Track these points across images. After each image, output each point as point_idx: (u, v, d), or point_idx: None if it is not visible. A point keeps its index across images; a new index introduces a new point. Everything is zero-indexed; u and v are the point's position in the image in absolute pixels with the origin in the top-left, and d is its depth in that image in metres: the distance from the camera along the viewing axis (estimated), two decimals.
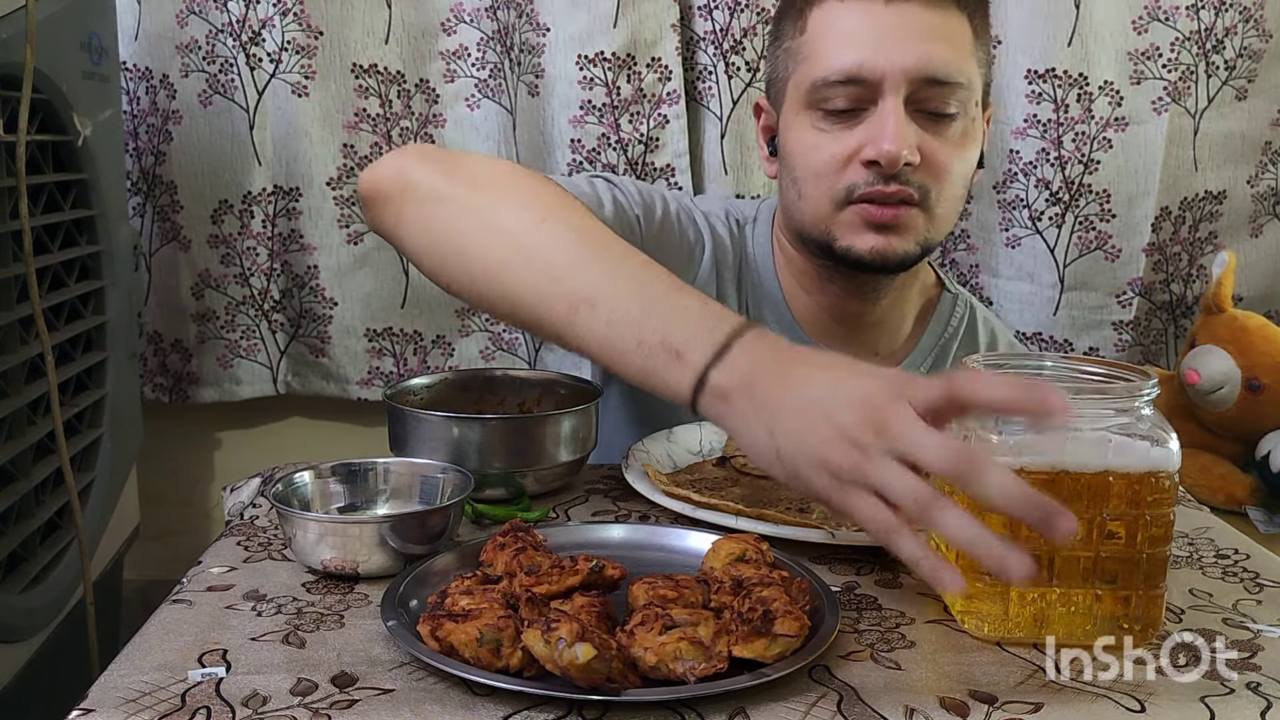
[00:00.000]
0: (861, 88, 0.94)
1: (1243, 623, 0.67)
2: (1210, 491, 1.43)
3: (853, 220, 0.96)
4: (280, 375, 1.58)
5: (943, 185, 0.96)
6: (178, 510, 1.64)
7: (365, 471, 0.81)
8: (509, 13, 1.49)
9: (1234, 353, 1.39)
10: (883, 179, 0.93)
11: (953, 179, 0.96)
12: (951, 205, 0.98)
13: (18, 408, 1.01)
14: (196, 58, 1.48)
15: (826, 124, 0.96)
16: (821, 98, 0.96)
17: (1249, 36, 1.49)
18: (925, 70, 0.93)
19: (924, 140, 0.94)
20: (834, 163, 0.96)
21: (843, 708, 0.56)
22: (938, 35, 0.94)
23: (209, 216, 1.51)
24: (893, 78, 0.92)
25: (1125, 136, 1.49)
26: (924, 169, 0.94)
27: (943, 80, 0.93)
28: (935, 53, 0.93)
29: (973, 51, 0.97)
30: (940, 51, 0.93)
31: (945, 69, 0.93)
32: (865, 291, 1.04)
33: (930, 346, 1.11)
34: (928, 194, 0.95)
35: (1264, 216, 1.57)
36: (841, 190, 0.96)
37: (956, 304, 1.14)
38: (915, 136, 0.93)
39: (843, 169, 0.95)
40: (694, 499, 0.81)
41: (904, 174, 0.93)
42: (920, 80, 0.93)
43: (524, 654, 0.56)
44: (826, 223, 0.98)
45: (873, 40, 0.93)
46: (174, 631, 0.63)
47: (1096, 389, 0.65)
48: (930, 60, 0.93)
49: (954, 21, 0.95)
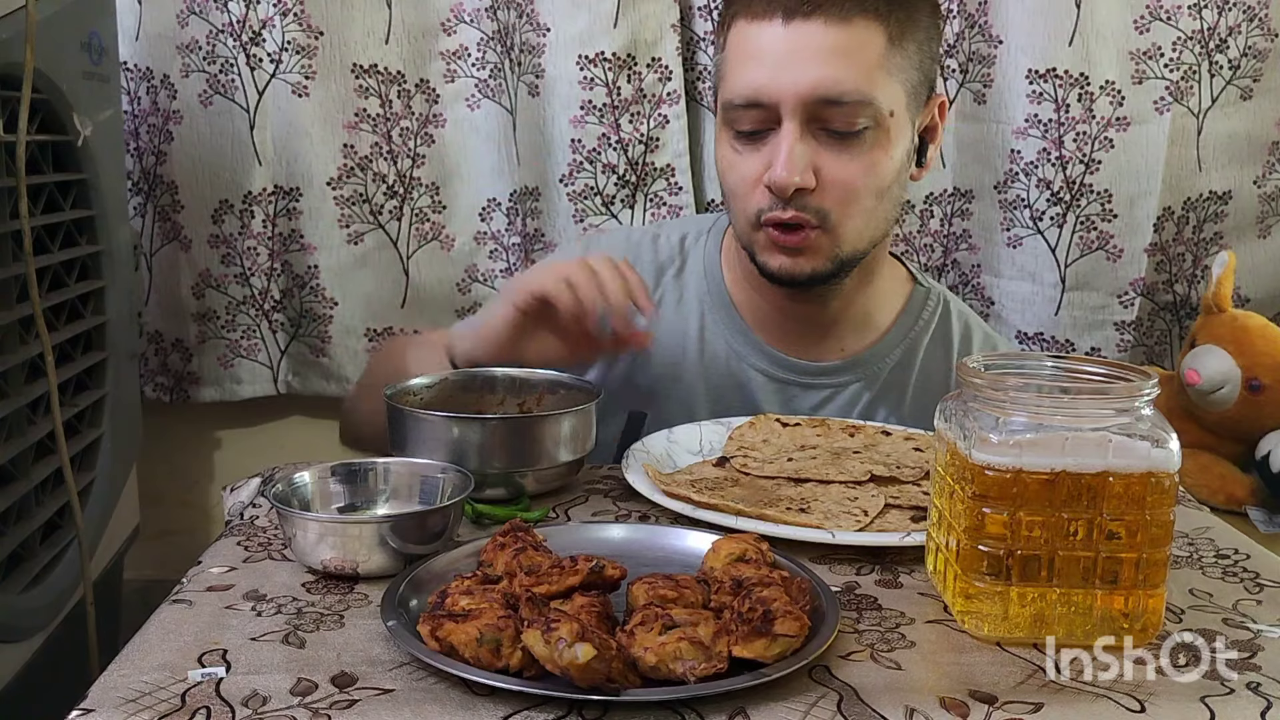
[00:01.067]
0: (763, 111, 0.96)
1: (1243, 623, 0.67)
2: (1210, 491, 1.43)
3: (765, 241, 1.00)
4: (281, 375, 1.58)
5: (846, 204, 0.97)
6: (178, 510, 1.64)
7: (365, 471, 0.81)
8: (509, 13, 1.49)
9: (1234, 353, 1.39)
10: (780, 204, 0.96)
11: (859, 194, 0.97)
12: (863, 219, 0.99)
13: (18, 408, 1.01)
14: (197, 58, 1.48)
15: (740, 144, 1.00)
16: (732, 119, 0.99)
17: (1254, 36, 1.49)
18: (819, 92, 0.93)
19: (822, 161, 0.95)
20: (744, 184, 0.99)
21: (843, 708, 0.56)
22: (837, 54, 0.93)
23: (209, 216, 1.52)
24: (788, 103, 0.94)
25: (1127, 136, 1.49)
26: (822, 192, 0.96)
27: (839, 100, 0.94)
28: (828, 75, 0.93)
29: (883, 61, 0.95)
30: (836, 73, 0.93)
31: (840, 90, 0.93)
32: (810, 297, 1.06)
33: (898, 340, 1.11)
34: (826, 216, 0.97)
35: (1272, 217, 1.57)
36: (753, 211, 0.99)
37: (929, 297, 1.14)
38: (808, 161, 0.95)
39: (752, 191, 0.99)
40: (693, 499, 0.81)
41: (798, 199, 0.96)
42: (816, 102, 0.94)
43: (524, 654, 0.56)
44: (748, 238, 1.02)
45: (771, 63, 0.94)
46: (174, 631, 0.63)
47: (1097, 389, 0.65)
48: (823, 82, 0.93)
49: (859, 35, 0.94)
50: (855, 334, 1.11)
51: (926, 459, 0.91)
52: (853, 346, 1.11)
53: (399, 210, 1.55)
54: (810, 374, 1.10)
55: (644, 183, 1.52)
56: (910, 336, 1.12)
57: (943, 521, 0.68)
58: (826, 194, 0.96)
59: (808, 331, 1.10)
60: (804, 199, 0.96)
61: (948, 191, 1.58)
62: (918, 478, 0.87)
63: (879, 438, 0.97)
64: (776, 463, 0.91)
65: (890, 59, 0.96)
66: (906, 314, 1.13)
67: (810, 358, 1.10)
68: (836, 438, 0.97)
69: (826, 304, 1.07)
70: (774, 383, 1.10)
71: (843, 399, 1.10)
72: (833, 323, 1.09)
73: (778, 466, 0.90)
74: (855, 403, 1.10)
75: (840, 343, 1.10)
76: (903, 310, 1.13)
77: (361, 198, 1.53)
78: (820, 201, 0.96)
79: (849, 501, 0.83)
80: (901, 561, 0.76)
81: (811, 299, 1.06)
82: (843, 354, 1.10)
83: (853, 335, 1.11)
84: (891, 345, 1.11)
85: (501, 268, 1.57)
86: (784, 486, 0.87)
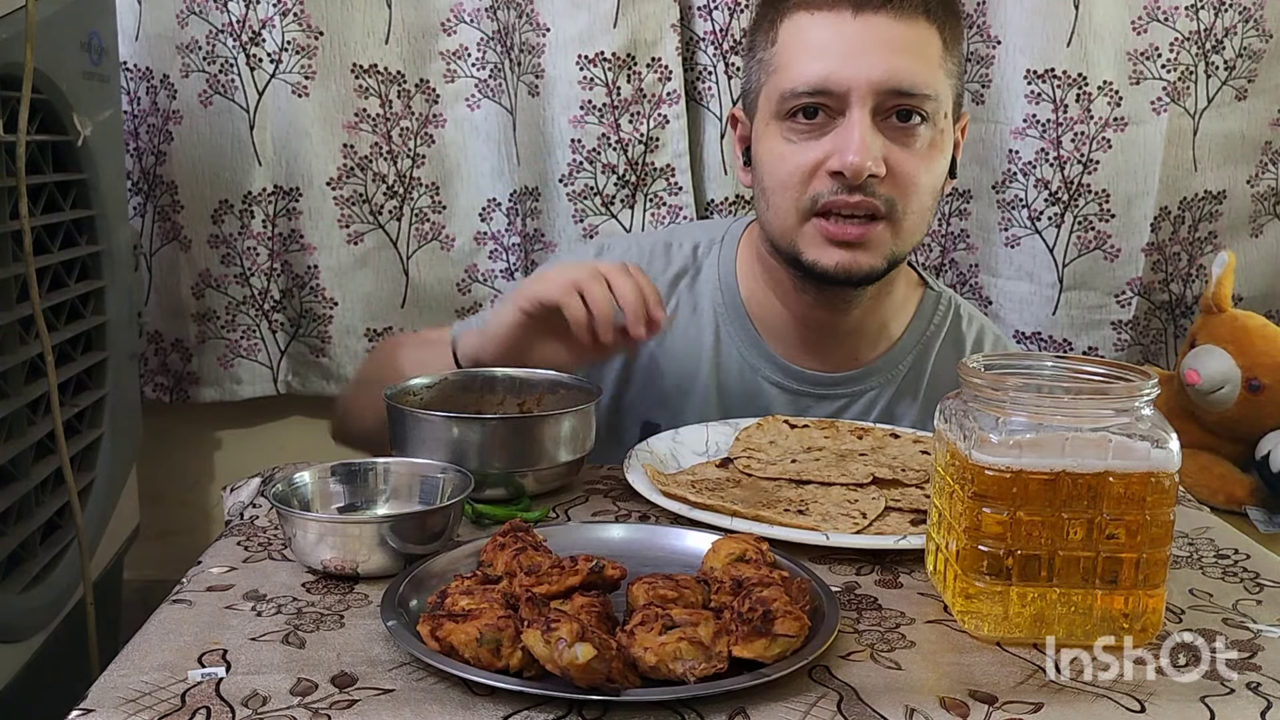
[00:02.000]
0: (829, 99, 0.95)
1: (1243, 623, 0.67)
2: (1210, 491, 1.43)
3: (815, 235, 0.98)
4: (280, 375, 1.58)
5: (909, 198, 0.97)
6: (178, 510, 1.64)
7: (365, 471, 0.81)
8: (509, 13, 1.49)
9: (1234, 353, 1.39)
10: (847, 189, 0.95)
11: (920, 191, 0.97)
12: (919, 217, 0.99)
13: (18, 408, 1.01)
14: (197, 58, 1.48)
15: (795, 135, 0.98)
16: (790, 109, 0.97)
17: (1249, 36, 1.49)
18: (891, 83, 0.93)
19: (890, 152, 0.95)
20: (800, 173, 0.97)
21: (843, 708, 0.56)
22: (905, 47, 0.94)
23: (209, 216, 1.52)
24: (859, 90, 0.93)
25: (1124, 136, 1.49)
26: (890, 181, 0.95)
27: (909, 92, 0.94)
28: (902, 65, 0.94)
29: (941, 63, 0.97)
30: (907, 64, 0.94)
31: (911, 81, 0.94)
32: (836, 302, 1.04)
33: (911, 345, 1.11)
34: (894, 206, 0.96)
35: (1264, 216, 1.57)
36: (807, 201, 0.97)
37: (939, 302, 1.14)
38: (881, 149, 0.94)
39: (809, 180, 0.97)
40: (690, 499, 0.81)
41: (869, 186, 0.95)
42: (886, 92, 0.94)
43: (524, 654, 0.56)
44: (791, 235, 1.00)
45: (840, 52, 0.94)
46: (174, 631, 0.63)
47: (1096, 389, 0.65)
48: (897, 72, 0.93)
49: (923, 33, 0.95)
50: (870, 343, 1.10)
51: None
52: (867, 355, 1.10)
53: (399, 210, 1.55)
54: (824, 385, 1.09)
55: (644, 183, 1.52)
56: (923, 342, 1.11)
57: (943, 521, 0.68)
58: (894, 184, 0.96)
59: (824, 341, 1.09)
60: (874, 186, 0.95)
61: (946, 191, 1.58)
62: (921, 481, 0.87)
63: (887, 440, 0.97)
64: (780, 464, 0.91)
65: (946, 61, 0.97)
66: (919, 319, 1.12)
67: (825, 368, 1.09)
68: (844, 440, 0.97)
69: (849, 312, 1.06)
70: (787, 394, 1.09)
71: (857, 408, 1.09)
72: (850, 332, 1.08)
73: (780, 468, 0.90)
74: (869, 412, 1.10)
75: (855, 352, 1.10)
76: (915, 316, 1.12)
77: (361, 198, 1.53)
78: (890, 190, 0.96)
79: (849, 504, 0.82)
80: (901, 562, 0.76)
81: (837, 306, 1.05)
82: (857, 363, 1.10)
83: (867, 344, 1.10)
84: (904, 352, 1.11)
85: (501, 268, 1.57)
86: (785, 488, 0.87)
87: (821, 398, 1.09)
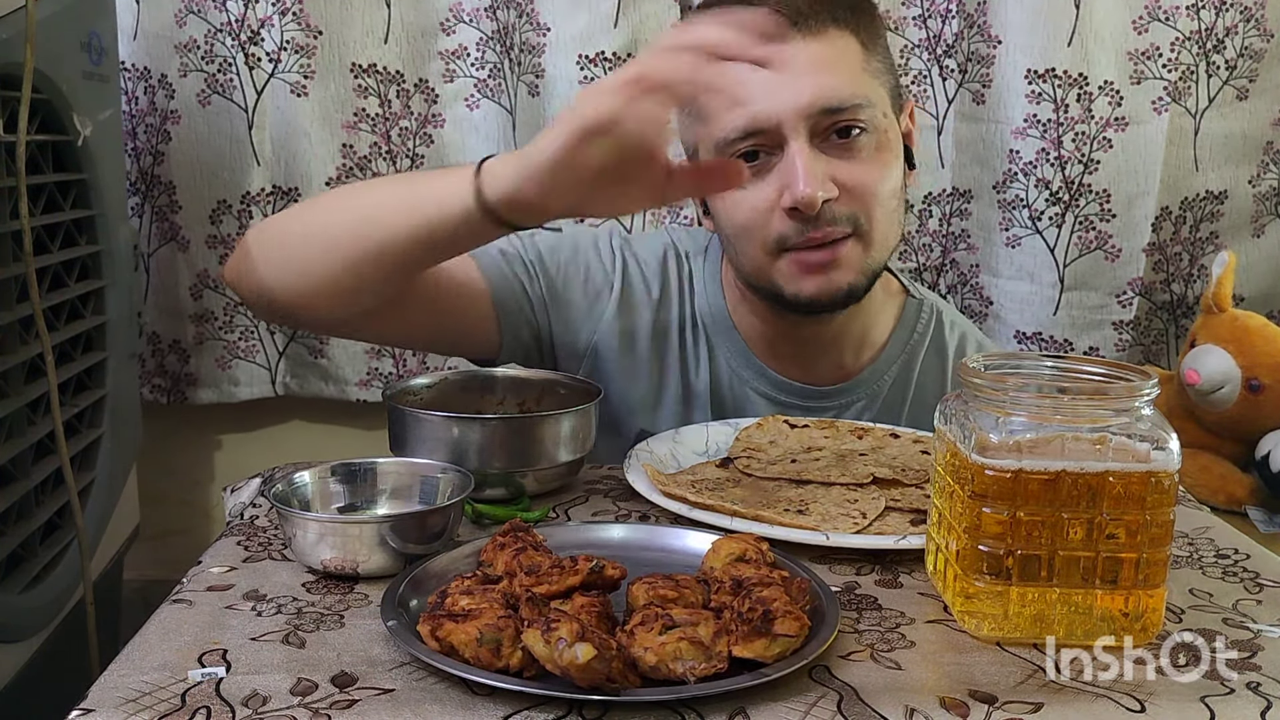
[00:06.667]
0: (763, 137, 0.94)
1: (1243, 623, 0.67)
2: (1210, 491, 1.43)
3: (789, 270, 0.97)
4: (279, 376, 1.58)
5: (871, 208, 0.96)
6: (178, 510, 1.64)
7: (365, 471, 0.81)
8: (509, 12, 1.49)
9: (1234, 353, 1.39)
10: (810, 224, 0.94)
11: (879, 198, 0.96)
12: (887, 223, 0.98)
13: (18, 408, 1.01)
14: (195, 57, 1.48)
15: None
16: (729, 155, 0.96)
17: (1250, 36, 1.49)
18: (820, 104, 0.92)
19: (838, 170, 0.94)
20: (756, 215, 0.96)
21: (843, 708, 0.56)
22: (824, 64, 0.93)
23: (208, 217, 1.51)
24: (789, 121, 0.92)
25: (1125, 136, 1.49)
26: (846, 198, 0.94)
27: (839, 108, 0.93)
28: (825, 83, 0.92)
29: (865, 66, 0.96)
30: (829, 80, 0.93)
31: (839, 97, 0.93)
32: (821, 319, 1.03)
33: (895, 355, 1.10)
34: (858, 221, 0.96)
35: (1266, 216, 1.57)
36: (773, 240, 0.96)
37: (922, 309, 1.13)
38: (826, 170, 0.93)
39: (768, 219, 0.96)
40: (689, 499, 0.81)
41: (827, 211, 0.94)
42: (818, 114, 0.93)
43: (524, 654, 0.56)
44: (766, 273, 0.99)
45: (760, 88, 0.91)
46: (174, 631, 0.63)
47: (1096, 389, 0.65)
48: (822, 92, 0.92)
49: (838, 44, 0.94)
50: (854, 352, 1.09)
51: None
52: (852, 365, 1.09)
53: None
54: (812, 397, 1.08)
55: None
56: (907, 351, 1.11)
57: (943, 521, 0.68)
58: (852, 199, 0.95)
59: (807, 353, 1.08)
60: (831, 209, 0.94)
61: (946, 191, 1.58)
62: (921, 481, 0.87)
63: (887, 440, 0.97)
64: (780, 464, 0.91)
65: (869, 63, 0.96)
66: (901, 327, 1.11)
67: (811, 380, 1.08)
68: (844, 440, 0.97)
69: (829, 322, 1.05)
70: (775, 406, 1.08)
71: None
72: (832, 342, 1.07)
73: (781, 468, 0.90)
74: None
75: (839, 362, 1.09)
76: (898, 324, 1.11)
77: None
78: (849, 206, 0.95)
79: (849, 504, 0.82)
80: (901, 562, 0.76)
81: (821, 320, 1.03)
82: (842, 373, 1.09)
83: (851, 353, 1.09)
84: (889, 361, 1.10)
85: None
86: (785, 488, 0.87)
87: (809, 410, 1.08)
